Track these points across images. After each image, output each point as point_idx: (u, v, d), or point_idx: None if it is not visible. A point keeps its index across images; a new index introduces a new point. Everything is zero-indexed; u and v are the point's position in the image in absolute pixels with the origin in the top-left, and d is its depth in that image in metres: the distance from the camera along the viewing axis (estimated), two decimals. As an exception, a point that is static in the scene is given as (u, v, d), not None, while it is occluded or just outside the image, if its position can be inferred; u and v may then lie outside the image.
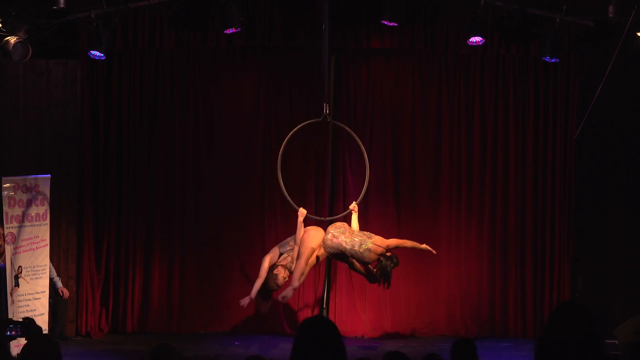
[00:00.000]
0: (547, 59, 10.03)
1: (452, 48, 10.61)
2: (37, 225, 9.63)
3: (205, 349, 9.99)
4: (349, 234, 9.37)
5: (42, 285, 9.63)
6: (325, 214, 10.66)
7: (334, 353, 3.40)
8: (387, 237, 10.86)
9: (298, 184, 10.74)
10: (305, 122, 9.88)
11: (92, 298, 10.61)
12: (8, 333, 5.28)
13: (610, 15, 9.47)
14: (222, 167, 10.89)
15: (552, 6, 10.00)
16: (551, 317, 3.24)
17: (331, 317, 10.41)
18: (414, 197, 10.91)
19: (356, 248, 9.28)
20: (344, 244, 9.30)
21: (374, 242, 9.29)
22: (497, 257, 10.81)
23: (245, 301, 9.53)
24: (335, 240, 9.34)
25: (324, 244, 9.44)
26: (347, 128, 10.08)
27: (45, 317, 9.65)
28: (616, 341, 9.92)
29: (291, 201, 9.71)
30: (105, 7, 9.83)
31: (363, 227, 10.53)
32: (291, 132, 9.79)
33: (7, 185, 9.44)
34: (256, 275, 9.83)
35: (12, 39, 9.32)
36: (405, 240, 9.62)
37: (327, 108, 9.79)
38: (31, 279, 9.52)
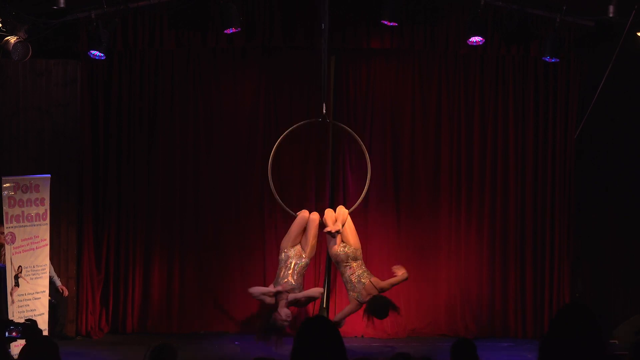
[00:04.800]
0: (547, 59, 10.03)
1: (452, 48, 10.61)
2: (37, 225, 9.63)
3: (205, 349, 9.99)
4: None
5: (42, 285, 9.63)
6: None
7: (334, 353, 3.40)
8: (386, 238, 10.93)
9: (298, 183, 10.76)
10: (300, 123, 9.88)
11: (92, 298, 10.61)
12: (7, 334, 5.26)
13: (610, 15, 9.47)
14: (222, 166, 10.89)
15: (552, 6, 10.00)
16: (556, 317, 3.26)
17: (331, 317, 10.41)
18: (413, 197, 10.91)
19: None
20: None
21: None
22: (497, 257, 10.81)
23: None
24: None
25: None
26: (348, 128, 10.07)
27: (45, 317, 9.65)
28: (616, 341, 9.94)
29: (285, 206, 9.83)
30: (105, 7, 9.83)
31: (363, 227, 10.56)
32: (285, 132, 9.82)
33: (7, 185, 9.44)
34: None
35: (12, 39, 9.31)
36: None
37: (325, 108, 9.76)
38: (31, 279, 9.53)
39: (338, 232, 9.63)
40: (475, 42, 9.98)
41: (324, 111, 9.78)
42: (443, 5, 10.42)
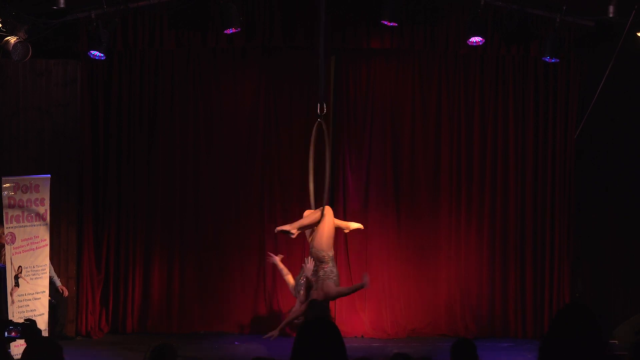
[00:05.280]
0: (547, 59, 10.03)
1: (452, 48, 10.61)
2: (37, 225, 9.63)
3: (205, 349, 9.99)
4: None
5: (42, 285, 9.63)
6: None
7: (334, 353, 3.40)
8: (386, 238, 10.92)
9: (298, 183, 10.74)
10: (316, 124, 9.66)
11: (92, 298, 10.61)
12: (7, 334, 5.26)
13: (610, 15, 9.46)
14: (222, 166, 10.89)
15: (552, 6, 10.00)
16: (556, 317, 3.26)
17: (331, 317, 10.40)
18: (413, 197, 10.91)
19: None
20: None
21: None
22: (497, 257, 10.81)
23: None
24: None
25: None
26: (324, 128, 9.75)
27: (45, 317, 9.65)
28: (616, 341, 9.94)
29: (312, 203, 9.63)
30: (105, 7, 9.83)
31: (363, 227, 10.55)
32: (312, 138, 9.59)
33: (7, 185, 9.44)
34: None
35: (12, 39, 9.31)
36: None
37: (320, 108, 9.62)
38: (31, 279, 9.52)
39: (285, 232, 9.31)
40: (475, 42, 9.98)
41: (322, 111, 9.67)
42: (443, 5, 10.42)
